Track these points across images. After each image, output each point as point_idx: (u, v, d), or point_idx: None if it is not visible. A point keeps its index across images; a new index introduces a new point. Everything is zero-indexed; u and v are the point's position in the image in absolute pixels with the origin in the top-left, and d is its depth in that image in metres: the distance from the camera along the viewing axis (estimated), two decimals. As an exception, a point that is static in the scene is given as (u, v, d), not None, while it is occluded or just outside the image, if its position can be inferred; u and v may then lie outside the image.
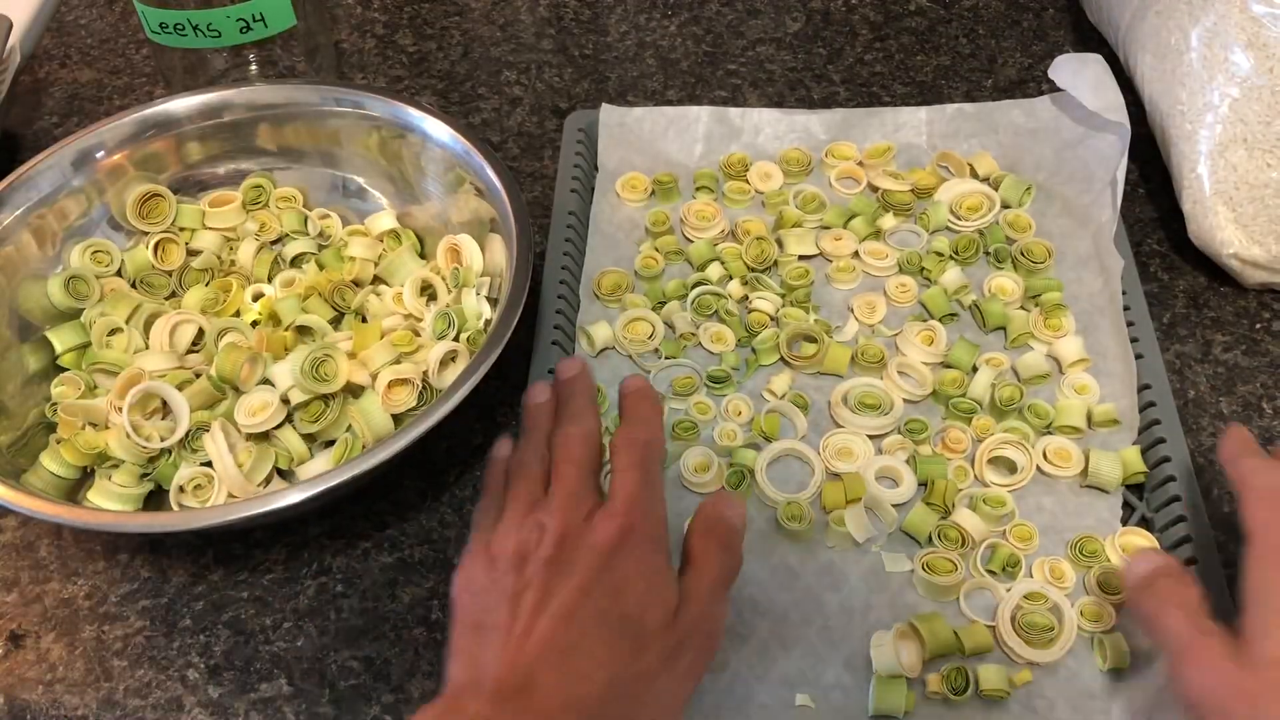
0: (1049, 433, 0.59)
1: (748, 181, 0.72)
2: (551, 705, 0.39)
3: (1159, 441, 0.57)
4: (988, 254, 0.67)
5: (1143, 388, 0.60)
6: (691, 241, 0.69)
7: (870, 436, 0.59)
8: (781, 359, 0.63)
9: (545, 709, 0.39)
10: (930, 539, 0.55)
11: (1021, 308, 0.65)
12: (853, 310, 0.65)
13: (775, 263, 0.67)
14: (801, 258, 0.68)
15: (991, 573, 0.54)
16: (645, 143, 0.74)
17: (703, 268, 0.67)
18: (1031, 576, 0.54)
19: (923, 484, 0.57)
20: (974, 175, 0.71)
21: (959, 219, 0.69)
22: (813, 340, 0.62)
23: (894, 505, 0.56)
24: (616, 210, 0.71)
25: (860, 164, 0.72)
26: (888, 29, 0.85)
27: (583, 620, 0.41)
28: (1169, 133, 0.67)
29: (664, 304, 0.66)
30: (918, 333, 0.63)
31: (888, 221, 0.69)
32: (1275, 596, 0.43)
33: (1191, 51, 0.65)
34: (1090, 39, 0.83)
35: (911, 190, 0.70)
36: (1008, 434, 0.58)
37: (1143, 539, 0.54)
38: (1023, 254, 0.66)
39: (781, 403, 0.61)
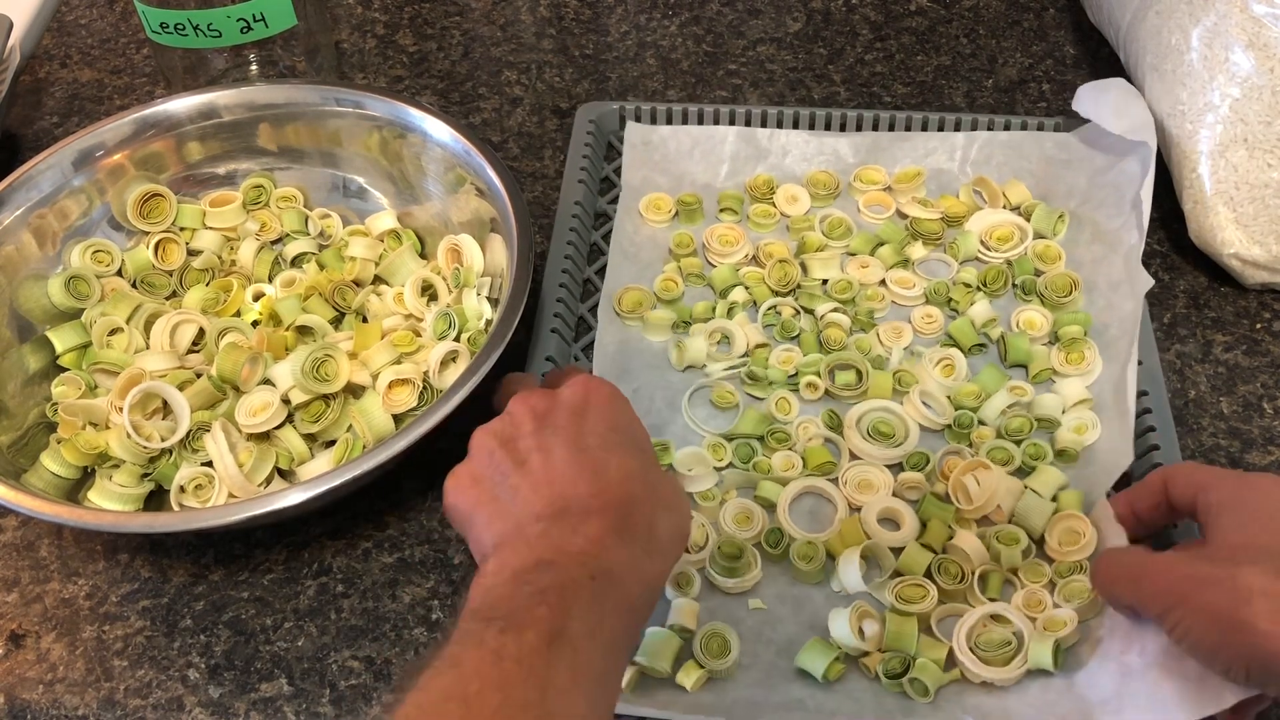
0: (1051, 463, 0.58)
1: (774, 204, 0.70)
2: (607, 500, 0.42)
3: (1153, 449, 0.57)
4: (1015, 287, 0.66)
5: (1140, 394, 0.59)
6: (714, 266, 0.68)
7: (889, 466, 0.58)
8: (826, 391, 0.61)
9: (602, 505, 0.42)
10: (930, 573, 0.54)
11: (1050, 341, 0.63)
12: (879, 338, 0.64)
13: (799, 285, 0.66)
14: (825, 282, 0.66)
15: (992, 600, 0.53)
16: (670, 161, 0.72)
17: (725, 293, 0.66)
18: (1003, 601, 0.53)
19: (925, 522, 0.56)
20: (1007, 203, 0.70)
21: (989, 249, 0.67)
22: (848, 368, 0.61)
23: (892, 548, 0.55)
24: (639, 230, 0.70)
25: (889, 189, 0.71)
26: (888, 29, 0.85)
27: (592, 448, 0.45)
28: (1169, 133, 0.67)
29: (688, 323, 0.65)
30: (936, 361, 0.62)
31: (916, 251, 0.67)
32: (1245, 500, 0.46)
33: (1192, 51, 0.65)
34: (1090, 39, 0.83)
35: (941, 218, 0.69)
36: (983, 458, 0.57)
37: (1075, 521, 0.54)
38: (1047, 288, 0.64)
39: (825, 432, 0.59)
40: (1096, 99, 0.68)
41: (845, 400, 0.61)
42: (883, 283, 0.66)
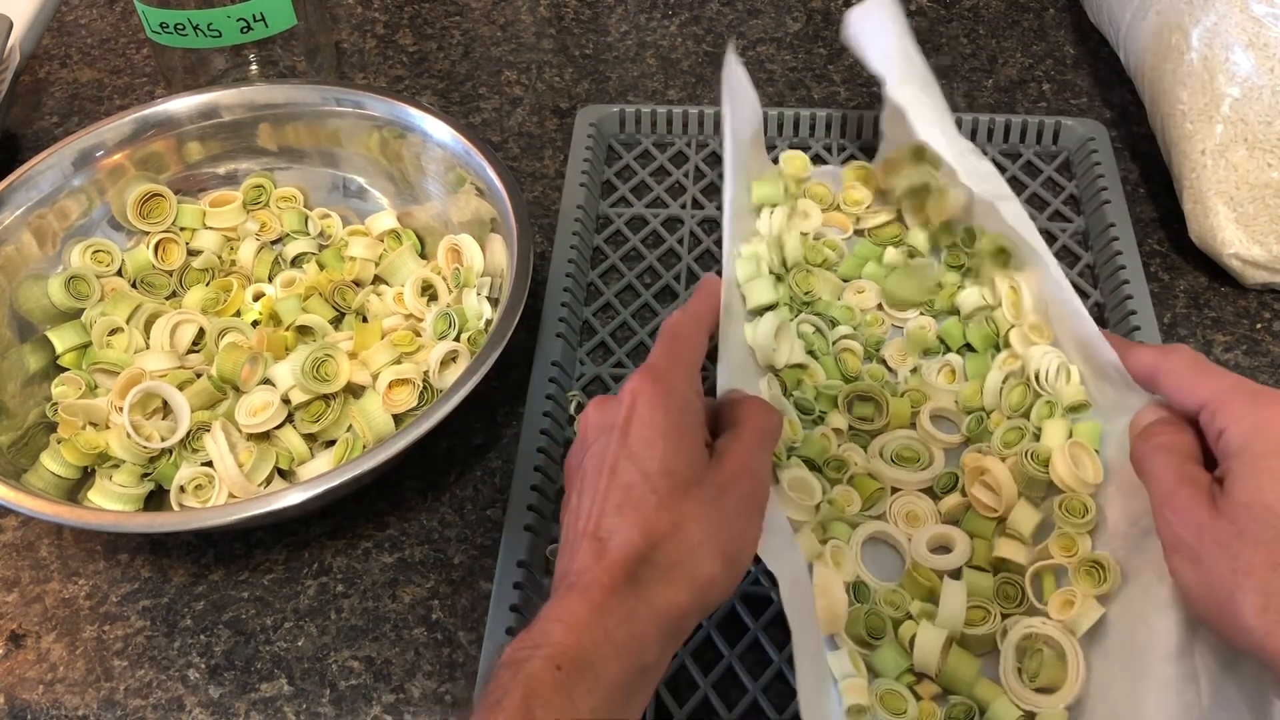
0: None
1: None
2: (598, 573, 0.41)
3: None
4: (961, 258, 0.64)
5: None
6: None
7: (923, 490, 0.57)
8: (851, 427, 0.59)
9: (590, 581, 0.41)
10: (994, 598, 0.52)
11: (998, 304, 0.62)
12: (886, 362, 0.63)
13: (807, 302, 0.64)
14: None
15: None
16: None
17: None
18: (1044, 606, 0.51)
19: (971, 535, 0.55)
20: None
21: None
22: (867, 400, 0.60)
23: (948, 572, 0.53)
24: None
25: (838, 208, 0.69)
26: (888, 29, 0.85)
27: (607, 500, 0.43)
28: (1169, 133, 0.67)
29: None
30: (938, 370, 0.61)
31: (896, 257, 0.66)
32: (1259, 442, 0.43)
33: (1192, 51, 0.65)
34: (1090, 39, 0.83)
35: (897, 219, 0.68)
36: (988, 456, 0.56)
37: (1080, 450, 0.53)
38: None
39: (868, 464, 0.58)
40: (862, 28, 0.67)
41: (866, 432, 0.59)
42: (879, 306, 0.65)
